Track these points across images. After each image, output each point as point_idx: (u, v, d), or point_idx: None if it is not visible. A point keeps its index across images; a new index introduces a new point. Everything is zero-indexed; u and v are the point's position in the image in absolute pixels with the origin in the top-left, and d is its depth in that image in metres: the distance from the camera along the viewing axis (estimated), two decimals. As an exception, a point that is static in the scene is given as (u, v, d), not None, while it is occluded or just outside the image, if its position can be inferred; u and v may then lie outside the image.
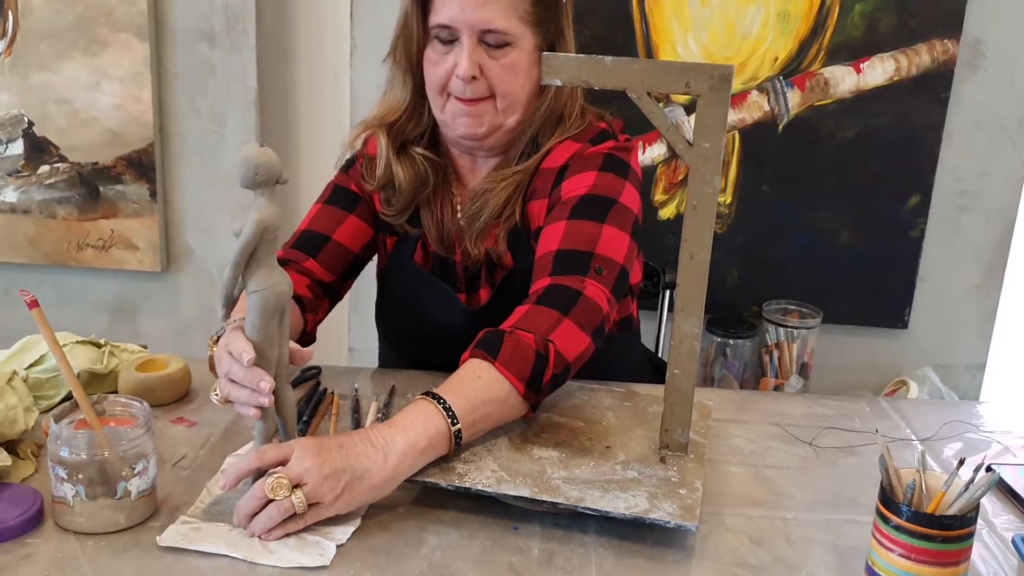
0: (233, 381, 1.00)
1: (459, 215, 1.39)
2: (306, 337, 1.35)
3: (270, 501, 0.94)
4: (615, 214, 1.26)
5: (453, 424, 1.04)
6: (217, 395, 1.08)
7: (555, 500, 0.99)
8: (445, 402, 1.05)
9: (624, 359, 1.50)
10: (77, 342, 1.27)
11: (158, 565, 0.92)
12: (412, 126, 1.37)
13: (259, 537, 0.94)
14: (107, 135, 2.22)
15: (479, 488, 1.00)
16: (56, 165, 2.25)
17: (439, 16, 1.26)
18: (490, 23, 1.24)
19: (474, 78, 1.26)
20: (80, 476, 0.94)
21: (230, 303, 0.94)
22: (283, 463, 0.96)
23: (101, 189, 2.26)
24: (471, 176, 1.41)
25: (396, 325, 1.47)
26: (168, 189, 2.28)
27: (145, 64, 2.17)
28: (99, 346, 1.29)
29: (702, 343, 2.22)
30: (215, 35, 2.17)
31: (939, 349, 2.26)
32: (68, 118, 2.22)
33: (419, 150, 1.37)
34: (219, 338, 1.11)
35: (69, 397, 1.19)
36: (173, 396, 1.26)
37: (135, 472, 0.95)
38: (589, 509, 0.98)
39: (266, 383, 0.96)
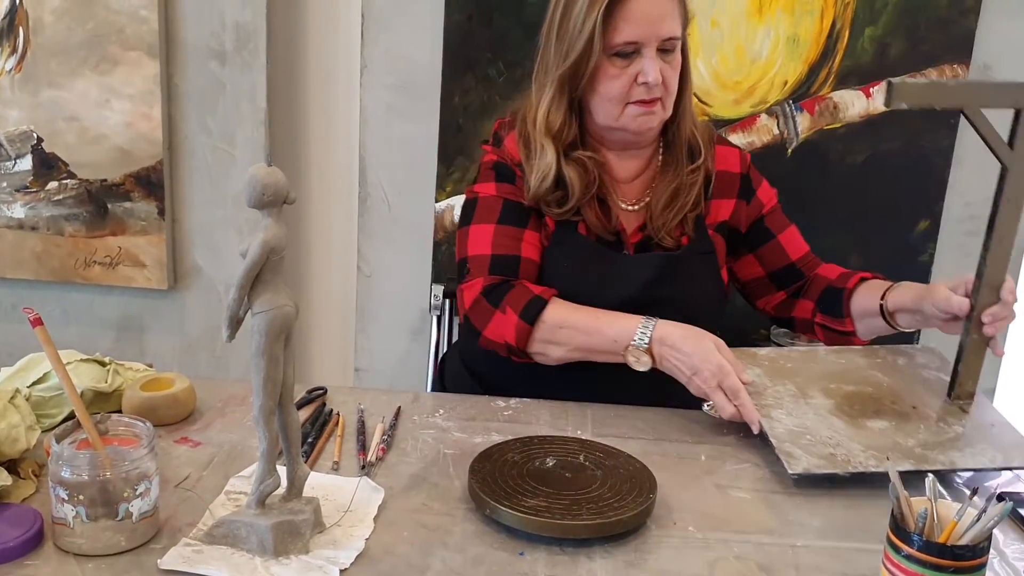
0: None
1: (623, 204, 1.51)
2: None
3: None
4: None
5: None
6: (711, 407, 1.31)
7: (934, 468, 1.09)
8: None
9: None
10: (81, 360, 1.26)
11: (159, 588, 0.91)
12: (567, 134, 1.47)
13: None
14: (116, 152, 2.22)
15: (871, 469, 1.10)
16: (64, 181, 2.25)
17: (624, 35, 1.38)
18: (670, 32, 1.40)
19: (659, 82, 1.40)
20: (81, 497, 0.93)
21: (235, 324, 0.93)
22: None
23: (109, 206, 2.26)
24: (620, 169, 1.53)
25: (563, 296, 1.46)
26: (176, 207, 2.28)
27: (155, 82, 2.17)
28: (103, 364, 1.28)
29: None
30: (226, 54, 2.18)
31: (949, 374, 2.24)
32: (77, 135, 2.22)
33: (583, 153, 1.47)
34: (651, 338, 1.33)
35: (72, 416, 1.18)
36: (177, 416, 1.25)
37: (137, 493, 0.94)
38: (970, 469, 1.16)
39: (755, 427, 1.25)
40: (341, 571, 0.94)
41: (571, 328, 1.38)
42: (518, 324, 1.38)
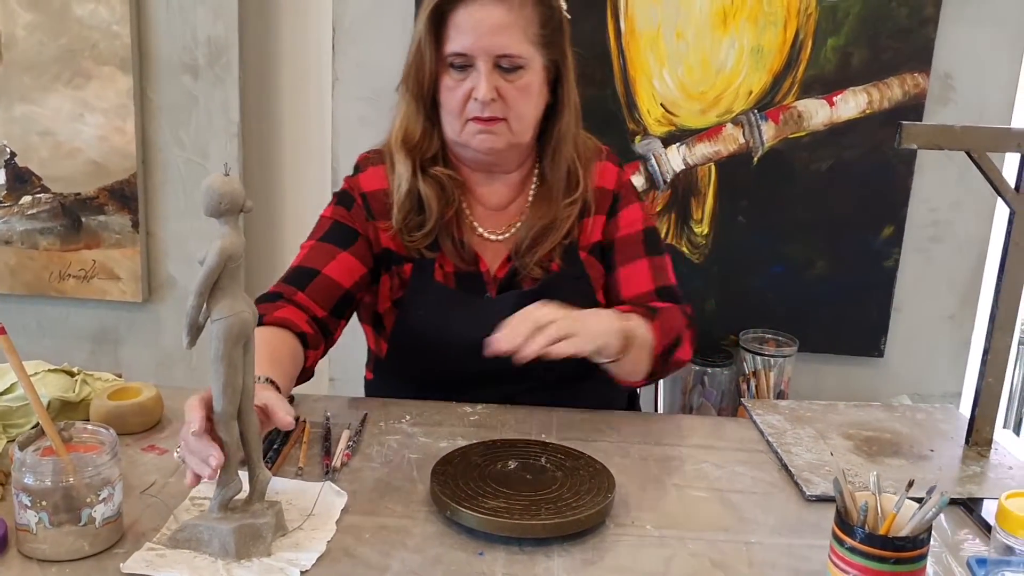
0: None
1: (481, 229, 1.45)
2: (305, 373, 1.35)
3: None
4: (661, 241, 1.51)
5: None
6: (178, 453, 1.10)
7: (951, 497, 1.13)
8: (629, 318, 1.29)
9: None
10: (49, 371, 1.27)
11: (121, 591, 0.92)
12: (426, 148, 1.42)
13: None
14: (90, 166, 2.24)
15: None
16: (38, 196, 2.27)
17: (455, 45, 1.33)
18: (505, 48, 1.32)
19: (492, 100, 1.33)
20: (44, 503, 0.94)
21: (195, 331, 0.95)
22: None
23: (83, 219, 2.27)
24: (487, 192, 1.47)
25: (424, 349, 1.44)
26: (150, 220, 2.30)
27: (129, 96, 2.19)
28: (72, 374, 1.30)
29: (679, 372, 2.23)
30: (199, 68, 2.20)
31: (914, 378, 2.28)
32: (51, 149, 2.24)
33: (439, 169, 1.41)
34: None
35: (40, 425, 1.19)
36: (145, 424, 1.27)
37: (100, 499, 0.96)
38: (990, 497, 1.15)
39: (215, 458, 0.95)
40: (302, 572, 0.95)
41: None
42: None
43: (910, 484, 0.87)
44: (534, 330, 1.15)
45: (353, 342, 2.30)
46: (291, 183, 2.35)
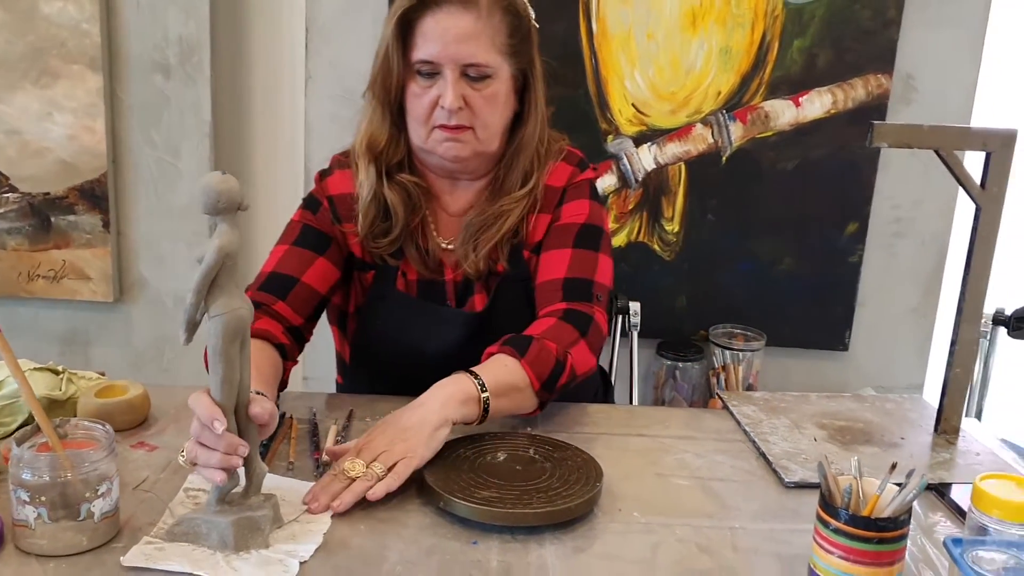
0: (203, 445, 0.99)
1: (440, 238, 1.45)
2: (282, 384, 1.34)
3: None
4: (605, 243, 1.45)
5: (483, 392, 1.19)
6: (184, 457, 1.14)
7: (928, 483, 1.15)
8: (477, 376, 1.20)
9: None
10: (34, 369, 1.27)
11: (122, 585, 0.93)
12: (392, 154, 1.41)
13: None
14: (59, 165, 2.22)
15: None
16: (6, 195, 2.24)
17: (422, 52, 1.32)
18: (472, 57, 1.31)
19: (459, 108, 1.32)
20: (42, 499, 0.94)
21: (192, 328, 0.96)
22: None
23: (53, 219, 2.25)
24: (451, 200, 1.46)
25: (384, 357, 1.46)
26: (121, 219, 2.28)
27: (99, 95, 2.18)
28: (57, 373, 1.30)
29: (652, 367, 2.27)
30: (170, 67, 2.19)
31: (879, 370, 2.34)
32: (19, 149, 2.22)
33: (405, 176, 1.41)
34: None
35: (27, 423, 1.20)
36: (132, 421, 1.27)
37: (98, 494, 0.96)
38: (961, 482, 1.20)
39: (244, 448, 0.98)
40: (300, 563, 0.97)
41: None
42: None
43: (893, 467, 0.91)
44: (348, 482, 1.08)
45: (326, 343, 2.31)
46: (263, 182, 2.35)
